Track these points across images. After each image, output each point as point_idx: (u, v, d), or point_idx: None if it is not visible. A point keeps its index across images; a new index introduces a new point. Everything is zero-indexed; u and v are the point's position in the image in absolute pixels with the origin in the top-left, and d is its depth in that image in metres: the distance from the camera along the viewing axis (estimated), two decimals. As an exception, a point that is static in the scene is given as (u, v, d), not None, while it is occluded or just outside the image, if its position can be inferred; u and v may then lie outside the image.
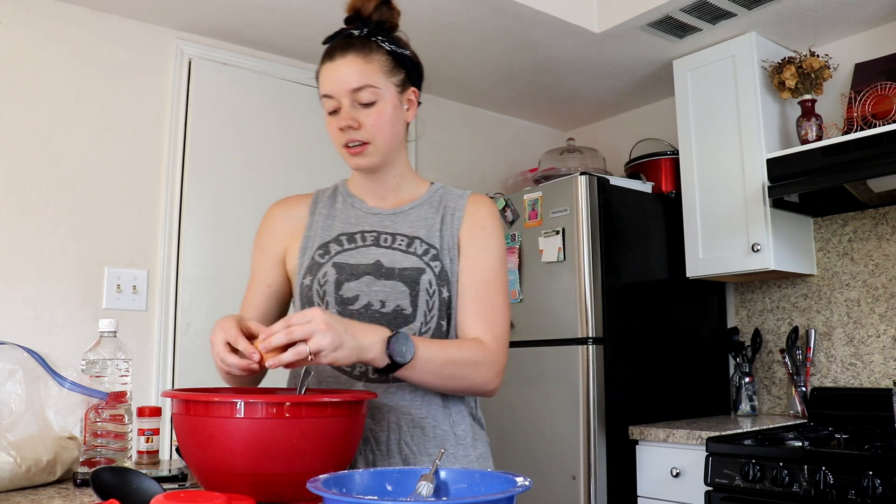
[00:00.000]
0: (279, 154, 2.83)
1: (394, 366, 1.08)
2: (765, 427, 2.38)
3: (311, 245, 1.29)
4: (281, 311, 1.35)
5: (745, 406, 2.74)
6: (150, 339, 2.48)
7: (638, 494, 2.41)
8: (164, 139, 2.58)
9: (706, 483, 2.13)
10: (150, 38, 2.59)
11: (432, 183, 1.36)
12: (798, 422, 2.52)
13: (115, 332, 1.28)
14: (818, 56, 2.51)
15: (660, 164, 2.89)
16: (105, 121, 2.47)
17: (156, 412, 1.50)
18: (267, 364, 0.99)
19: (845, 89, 2.56)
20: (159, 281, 2.51)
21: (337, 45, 1.24)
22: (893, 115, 2.27)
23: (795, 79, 2.49)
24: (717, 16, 2.51)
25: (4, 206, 2.27)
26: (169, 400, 0.98)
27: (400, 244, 1.26)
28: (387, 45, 1.25)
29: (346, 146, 1.23)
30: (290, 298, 1.35)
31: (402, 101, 1.26)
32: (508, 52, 2.82)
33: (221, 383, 1.25)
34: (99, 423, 1.22)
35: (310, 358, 0.99)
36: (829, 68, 2.52)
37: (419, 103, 1.31)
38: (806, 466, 1.92)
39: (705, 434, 2.19)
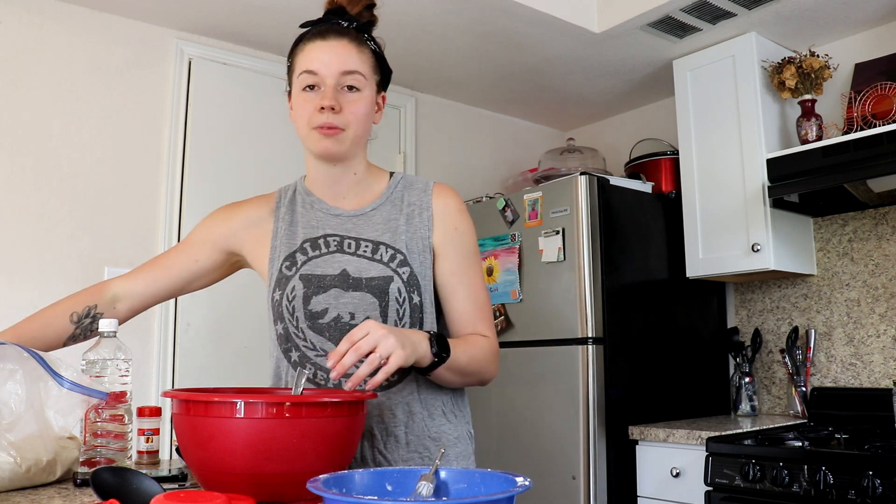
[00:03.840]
0: (279, 154, 2.83)
1: (443, 346, 1.12)
2: (765, 427, 2.38)
3: (278, 256, 1.28)
4: (187, 284, 1.36)
5: (745, 406, 2.74)
6: (150, 339, 2.48)
7: (638, 494, 2.41)
8: (164, 139, 2.58)
9: (706, 483, 2.13)
10: (150, 38, 2.59)
11: (392, 174, 1.34)
12: (798, 422, 2.52)
13: (115, 332, 1.28)
14: (818, 56, 2.51)
15: (660, 164, 2.89)
16: (105, 120, 2.47)
17: (156, 412, 1.50)
18: (347, 387, 1.03)
19: (845, 89, 2.56)
20: (159, 281, 2.50)
21: (331, 28, 1.22)
22: (893, 115, 2.27)
23: (795, 79, 2.49)
24: (717, 16, 2.51)
25: (4, 205, 2.27)
26: (169, 400, 0.98)
27: (365, 250, 1.24)
28: (372, 45, 1.26)
29: (318, 128, 1.20)
30: (204, 280, 1.36)
31: (374, 102, 1.26)
32: (508, 52, 2.82)
33: (220, 383, 1.24)
34: (99, 423, 1.22)
35: (383, 363, 1.01)
36: (829, 68, 2.52)
37: (381, 109, 1.32)
38: (806, 466, 1.92)
39: (705, 434, 2.19)
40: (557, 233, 2.53)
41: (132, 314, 1.38)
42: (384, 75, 1.28)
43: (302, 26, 1.25)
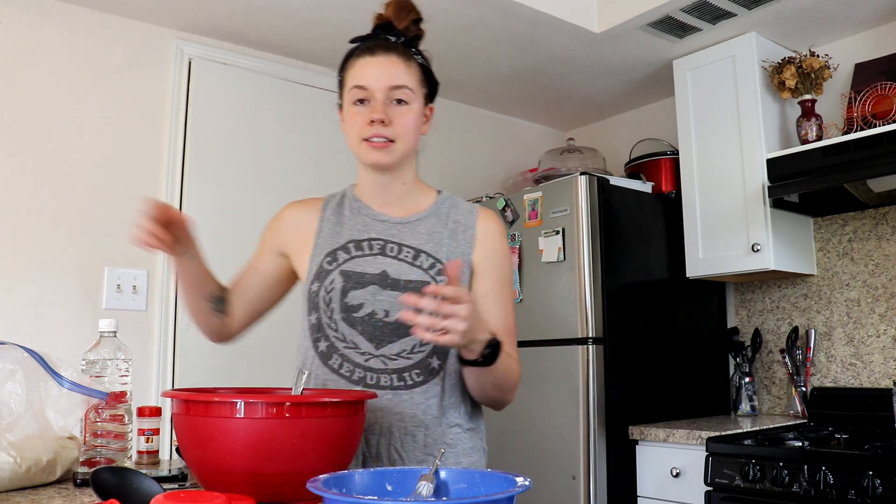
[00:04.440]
0: (279, 154, 2.83)
1: (495, 347, 1.13)
2: (765, 427, 2.38)
3: (320, 252, 1.31)
4: (262, 293, 1.40)
5: (745, 406, 2.74)
6: (150, 339, 2.48)
7: (638, 494, 2.41)
8: (164, 139, 2.58)
9: (706, 483, 2.13)
10: (150, 38, 2.59)
11: (439, 192, 1.39)
12: (798, 422, 2.52)
13: (115, 332, 1.29)
14: (818, 56, 2.51)
15: (660, 164, 2.89)
16: (105, 121, 2.47)
17: (156, 412, 1.50)
18: (403, 315, 1.03)
19: (845, 89, 2.56)
20: (159, 281, 2.51)
21: (379, 44, 1.28)
22: (893, 115, 2.27)
23: (795, 79, 2.49)
24: (717, 16, 2.51)
25: (4, 205, 2.27)
26: (169, 400, 0.98)
27: (406, 255, 1.28)
28: (419, 59, 1.31)
29: (369, 140, 1.25)
30: (276, 288, 1.40)
31: (423, 114, 1.31)
32: (508, 52, 2.82)
33: (220, 383, 1.25)
34: (99, 423, 1.22)
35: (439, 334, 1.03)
36: (829, 68, 2.52)
37: (429, 120, 1.37)
38: (806, 466, 1.92)
39: (705, 434, 2.19)
40: (557, 233, 2.53)
41: (241, 329, 1.43)
42: (431, 87, 1.33)
43: (351, 42, 1.31)
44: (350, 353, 1.24)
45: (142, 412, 1.49)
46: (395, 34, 1.29)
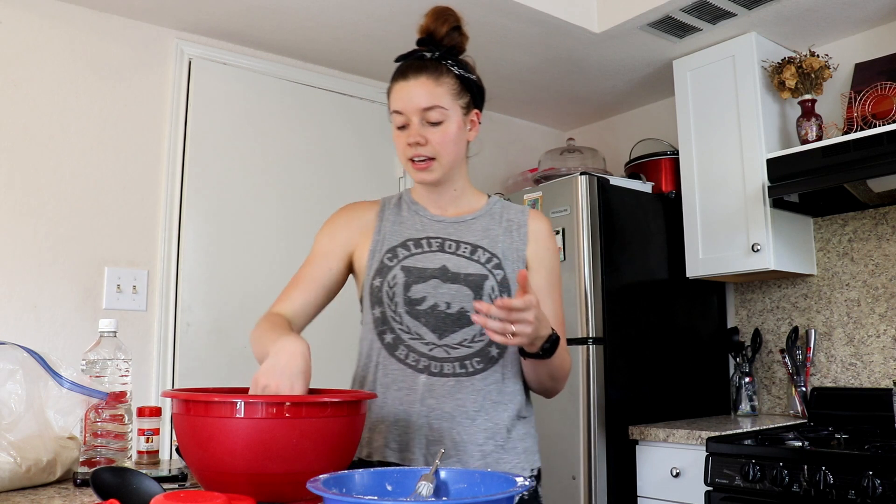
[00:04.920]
0: (279, 154, 2.83)
1: (539, 353, 1.21)
2: (765, 427, 2.38)
3: (380, 248, 1.38)
4: (329, 295, 1.41)
5: (745, 406, 2.74)
6: (150, 339, 2.48)
7: (638, 494, 2.41)
8: (164, 139, 2.58)
9: (706, 483, 2.13)
10: (150, 38, 2.59)
11: (489, 196, 1.47)
12: (798, 422, 2.52)
13: (115, 332, 1.29)
14: (818, 56, 2.51)
15: (660, 164, 2.89)
16: (105, 121, 2.47)
17: (156, 412, 1.50)
18: (476, 319, 1.11)
19: (845, 89, 2.56)
20: (159, 281, 2.51)
21: (410, 65, 1.33)
22: (893, 115, 2.27)
23: (795, 79, 2.49)
24: (717, 16, 2.51)
25: (4, 205, 2.27)
26: (169, 400, 0.98)
27: (464, 251, 1.36)
28: (456, 70, 1.35)
29: (412, 160, 1.33)
30: (339, 287, 1.43)
31: (466, 122, 1.37)
32: (508, 52, 2.82)
33: (220, 383, 1.25)
34: (99, 423, 1.22)
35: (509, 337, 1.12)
36: (829, 68, 2.51)
37: (479, 123, 1.42)
38: (806, 466, 1.92)
39: (705, 434, 2.19)
40: (557, 233, 2.53)
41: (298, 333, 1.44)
42: (474, 94, 1.39)
43: (395, 61, 1.37)
44: (415, 344, 1.31)
45: (142, 412, 1.49)
46: (434, 47, 1.35)
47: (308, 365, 1.09)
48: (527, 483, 0.75)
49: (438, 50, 1.34)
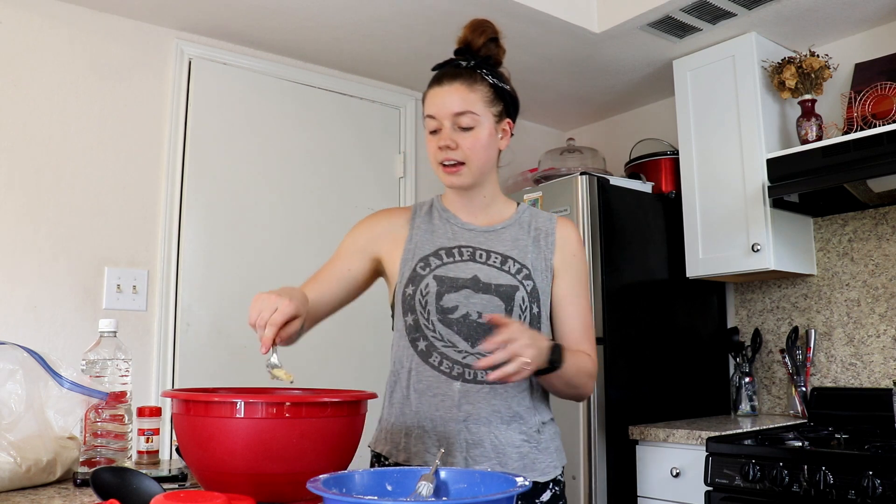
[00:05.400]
0: (279, 154, 2.83)
1: (558, 355, 1.25)
2: (765, 427, 2.38)
3: (413, 257, 1.40)
4: (347, 295, 1.44)
5: (745, 406, 2.74)
6: (150, 339, 2.48)
7: (638, 494, 2.41)
8: (164, 139, 2.58)
9: (706, 483, 2.13)
10: (150, 38, 2.59)
11: (518, 204, 1.50)
12: (798, 422, 2.52)
13: (115, 332, 1.29)
14: (818, 56, 2.51)
15: (660, 164, 2.88)
16: (105, 121, 2.47)
17: (156, 412, 1.50)
18: (492, 377, 1.17)
19: (845, 89, 2.56)
20: (159, 281, 2.51)
21: (446, 72, 1.38)
22: (893, 115, 2.27)
23: (795, 79, 2.49)
24: (717, 16, 2.51)
25: (4, 205, 2.27)
26: (169, 400, 0.98)
27: (495, 261, 1.38)
28: (490, 79, 1.39)
29: (443, 164, 1.36)
30: (359, 289, 1.46)
31: (498, 130, 1.39)
32: (508, 52, 2.80)
33: (220, 383, 1.25)
34: (99, 423, 1.22)
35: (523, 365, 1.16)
36: (829, 68, 2.51)
37: (512, 134, 1.44)
38: (806, 466, 1.92)
39: (705, 434, 2.19)
40: (557, 233, 2.53)
41: (307, 327, 1.42)
42: (507, 104, 1.42)
43: (432, 70, 1.41)
44: (448, 352, 1.34)
45: (142, 412, 1.49)
46: (470, 56, 1.39)
47: (301, 295, 1.17)
48: (527, 483, 0.75)
49: (474, 59, 1.39)
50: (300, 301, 1.16)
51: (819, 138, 2.46)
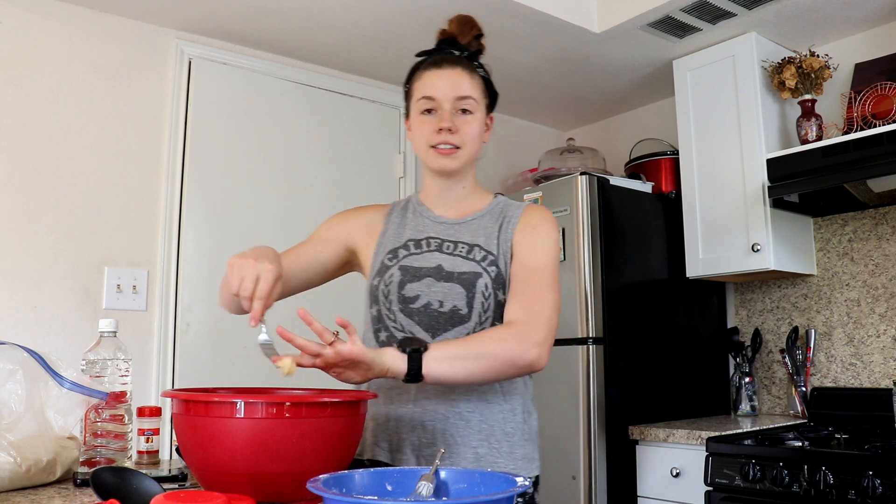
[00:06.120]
0: (279, 153, 2.83)
1: (413, 361, 1.12)
2: (765, 427, 2.38)
3: (383, 250, 1.40)
4: (313, 277, 1.43)
5: (745, 406, 2.74)
6: (150, 339, 2.48)
7: (638, 494, 2.41)
8: (164, 139, 2.58)
9: (706, 483, 2.13)
10: (150, 38, 2.59)
11: (496, 195, 1.48)
12: (798, 422, 2.52)
13: (115, 332, 1.29)
14: (818, 56, 2.51)
15: (660, 164, 2.89)
16: (105, 121, 2.47)
17: (156, 412, 1.50)
18: (298, 361, 1.08)
19: (845, 89, 2.56)
20: (159, 281, 2.51)
21: (445, 58, 1.38)
22: (893, 115, 2.27)
23: (795, 79, 2.49)
24: (717, 16, 2.51)
25: (4, 205, 2.27)
26: (169, 400, 0.98)
27: (461, 251, 1.36)
28: (481, 72, 1.41)
29: (436, 147, 1.34)
30: (326, 275, 1.45)
31: (484, 123, 1.41)
32: (508, 52, 2.82)
33: (220, 383, 1.25)
34: (99, 423, 1.22)
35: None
36: (829, 68, 2.51)
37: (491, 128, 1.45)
38: (806, 466, 1.92)
39: (705, 434, 2.19)
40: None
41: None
42: (492, 99, 1.44)
43: (417, 55, 1.41)
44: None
45: (142, 412, 1.49)
46: (459, 48, 1.40)
47: (276, 254, 1.17)
48: (527, 483, 0.75)
49: (467, 51, 1.40)
50: (278, 262, 1.15)
51: (819, 138, 2.46)
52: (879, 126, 2.25)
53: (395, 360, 1.12)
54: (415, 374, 1.12)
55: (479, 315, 1.30)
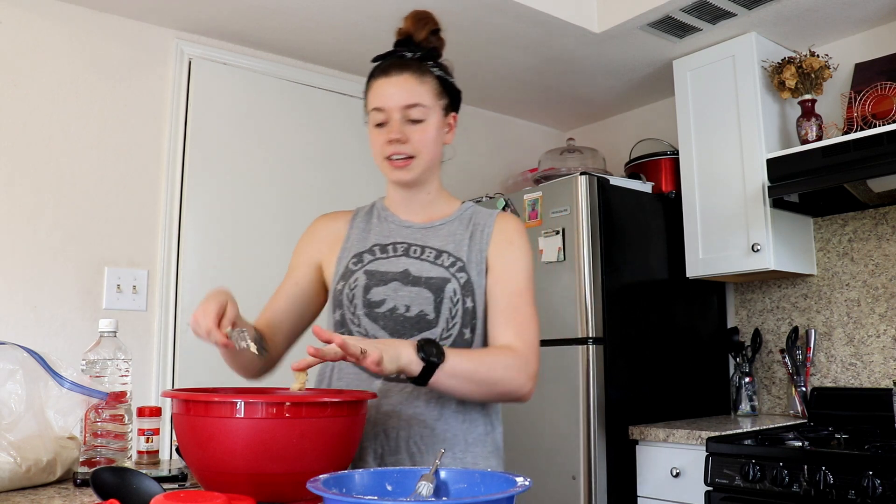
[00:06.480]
0: (279, 154, 2.83)
1: (428, 369, 1.11)
2: (765, 427, 2.38)
3: (347, 255, 1.37)
4: (302, 308, 1.40)
5: (745, 406, 2.74)
6: (150, 339, 2.48)
7: (638, 494, 2.41)
8: (164, 139, 2.58)
9: (706, 483, 2.13)
10: (150, 38, 2.59)
11: (463, 202, 1.44)
12: (798, 422, 2.52)
13: (115, 332, 1.29)
14: (818, 56, 2.51)
15: (660, 164, 2.89)
16: (105, 121, 2.47)
17: (156, 412, 1.50)
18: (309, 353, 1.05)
19: (845, 89, 2.56)
20: (159, 281, 2.51)
21: (393, 63, 1.32)
22: (893, 115, 2.27)
23: (795, 79, 2.49)
24: (717, 16, 2.51)
25: (4, 205, 2.26)
26: (169, 400, 0.98)
27: (428, 256, 1.33)
28: (437, 71, 1.35)
29: (390, 159, 1.31)
30: (314, 299, 1.42)
31: (444, 125, 1.36)
32: (508, 52, 2.82)
33: (220, 383, 1.25)
34: (99, 423, 1.22)
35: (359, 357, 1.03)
36: (829, 68, 2.51)
37: (455, 127, 1.41)
38: (806, 466, 1.92)
39: (705, 434, 2.19)
40: (557, 233, 2.53)
41: (274, 350, 1.39)
42: (452, 97, 1.38)
43: (372, 61, 1.36)
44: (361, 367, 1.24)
45: (142, 412, 1.49)
46: (413, 48, 1.34)
47: (220, 297, 1.18)
48: (527, 483, 0.75)
49: (420, 51, 1.34)
50: (218, 296, 1.18)
51: (819, 138, 2.46)
52: (879, 126, 2.25)
53: (411, 361, 1.10)
54: (422, 381, 1.12)
55: (446, 321, 1.27)
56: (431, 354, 1.11)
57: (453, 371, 1.14)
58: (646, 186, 2.80)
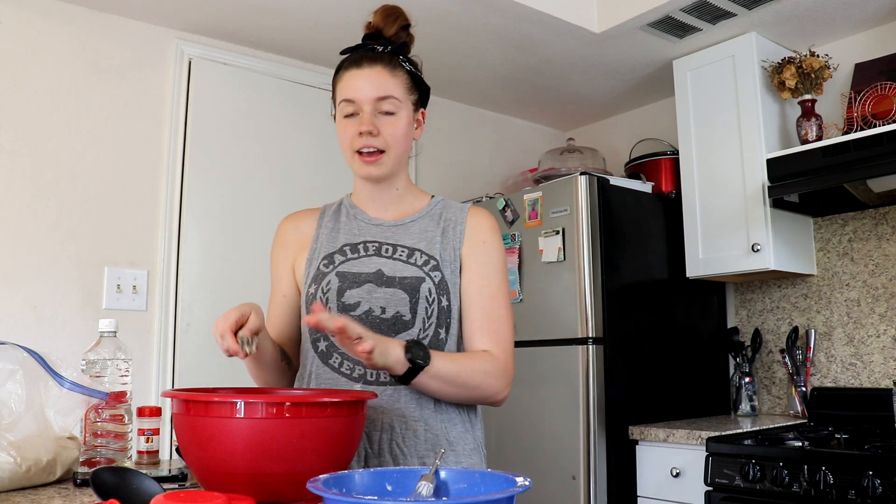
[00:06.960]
0: (279, 153, 2.83)
1: (413, 370, 1.15)
2: (765, 427, 2.38)
3: (317, 256, 1.34)
4: (294, 319, 1.39)
5: (745, 406, 2.74)
6: (150, 339, 2.48)
7: (638, 494, 2.41)
8: (164, 139, 2.58)
9: (706, 483, 2.13)
10: (150, 38, 2.59)
11: (433, 196, 1.41)
12: (798, 422, 2.52)
13: (115, 332, 1.29)
14: (818, 56, 2.51)
15: (660, 164, 2.89)
16: (105, 121, 2.47)
17: (156, 412, 1.50)
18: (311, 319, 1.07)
19: (845, 89, 2.56)
20: (159, 281, 2.51)
21: (365, 55, 1.31)
22: (893, 115, 2.27)
23: (795, 79, 2.49)
24: (717, 16, 2.51)
25: (4, 205, 2.27)
26: (169, 400, 0.98)
27: (401, 255, 1.31)
28: (407, 66, 1.33)
29: (360, 152, 1.28)
30: (300, 309, 1.40)
31: (413, 120, 1.34)
32: (508, 52, 2.82)
33: (220, 383, 1.25)
34: (99, 423, 1.22)
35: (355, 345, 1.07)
36: (829, 68, 2.51)
37: (423, 123, 1.39)
38: (806, 466, 1.92)
39: (705, 434, 2.19)
40: (557, 233, 2.53)
41: (296, 360, 1.40)
42: (422, 93, 1.36)
43: (341, 53, 1.34)
44: (349, 352, 1.24)
45: (142, 412, 1.49)
46: (384, 43, 1.32)
47: (245, 308, 1.14)
48: (527, 483, 0.75)
49: (391, 45, 1.32)
50: (244, 306, 1.14)
51: (819, 138, 2.46)
52: (879, 126, 2.25)
53: (398, 361, 1.14)
54: (405, 381, 1.17)
55: (422, 321, 1.26)
56: (418, 357, 1.15)
57: (437, 374, 1.18)
58: (646, 186, 2.80)
